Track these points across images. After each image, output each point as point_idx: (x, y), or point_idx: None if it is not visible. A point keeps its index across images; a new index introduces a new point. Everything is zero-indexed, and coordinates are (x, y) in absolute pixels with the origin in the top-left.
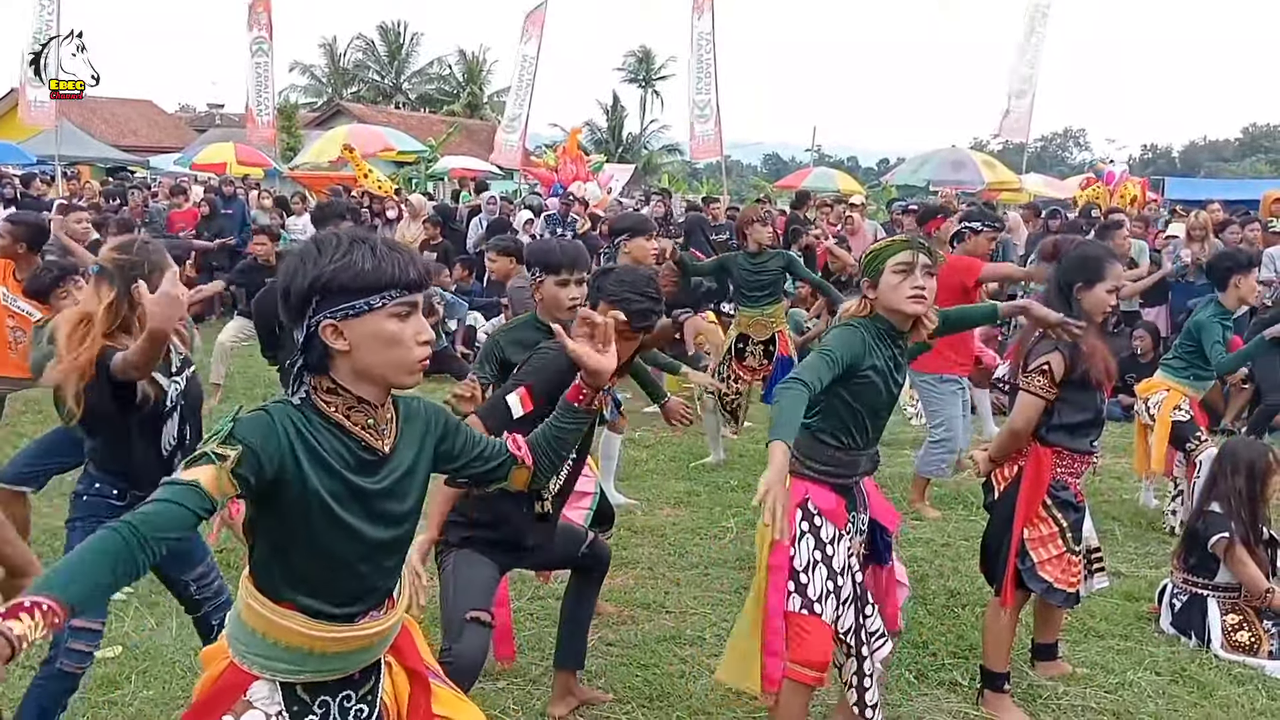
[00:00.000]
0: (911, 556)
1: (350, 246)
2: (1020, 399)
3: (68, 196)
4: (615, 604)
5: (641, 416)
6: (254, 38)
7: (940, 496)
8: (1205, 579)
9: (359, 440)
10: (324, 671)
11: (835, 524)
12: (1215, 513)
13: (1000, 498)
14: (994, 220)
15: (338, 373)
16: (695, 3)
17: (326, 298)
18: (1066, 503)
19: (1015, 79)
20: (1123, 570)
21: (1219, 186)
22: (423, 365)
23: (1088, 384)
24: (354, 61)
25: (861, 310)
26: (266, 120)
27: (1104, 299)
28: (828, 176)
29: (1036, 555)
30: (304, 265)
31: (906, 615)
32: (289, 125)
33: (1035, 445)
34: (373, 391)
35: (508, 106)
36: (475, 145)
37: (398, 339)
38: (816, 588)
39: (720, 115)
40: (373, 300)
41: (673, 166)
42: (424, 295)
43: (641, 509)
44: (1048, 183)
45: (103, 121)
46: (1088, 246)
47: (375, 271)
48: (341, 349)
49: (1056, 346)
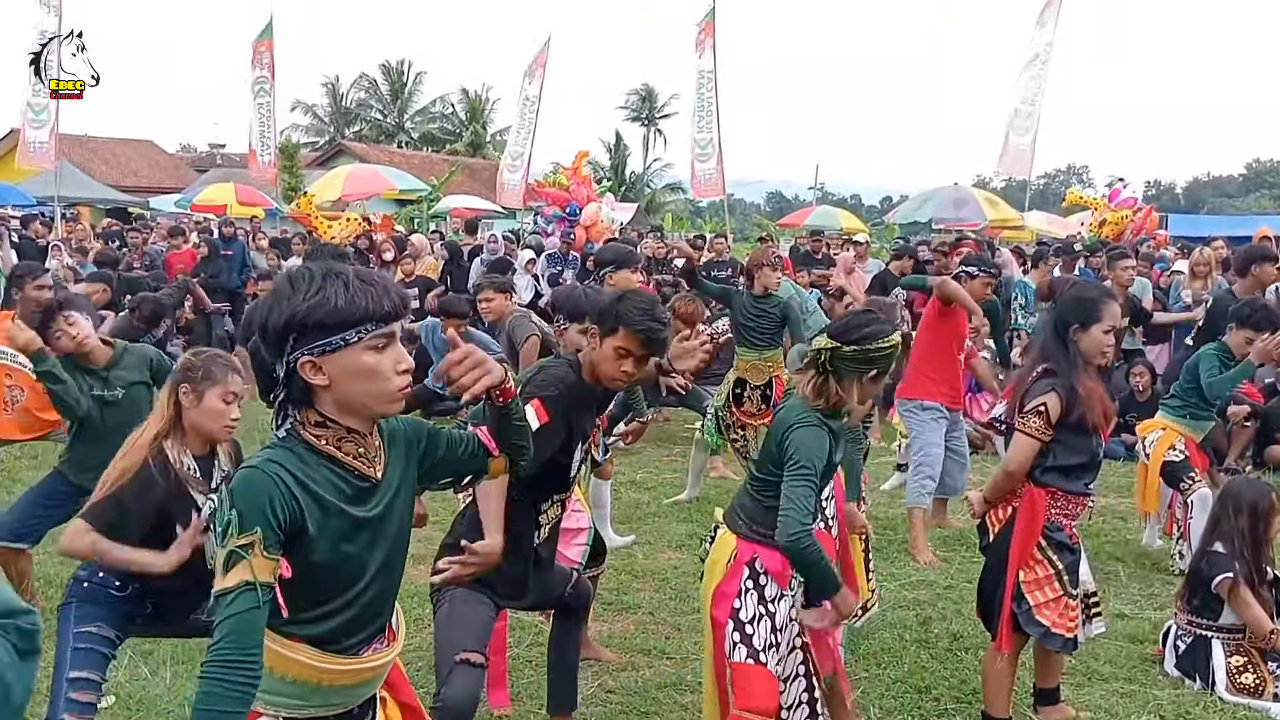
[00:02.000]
0: (914, 599)
1: (323, 283)
2: (1015, 440)
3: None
4: (615, 650)
5: (644, 458)
6: (256, 78)
7: (943, 538)
8: (1209, 620)
9: (352, 470)
10: (328, 706)
11: (780, 584)
12: (1218, 553)
13: (995, 540)
14: (991, 267)
15: (322, 405)
16: (696, 41)
17: (303, 335)
18: (1062, 544)
19: (1016, 116)
20: (1127, 612)
21: (1223, 223)
22: (404, 393)
23: (1084, 427)
24: (356, 100)
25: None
26: (268, 160)
27: (1101, 340)
28: (830, 215)
29: (1033, 598)
30: (279, 303)
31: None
32: (291, 165)
33: (1029, 486)
34: (359, 421)
35: (509, 145)
36: (478, 184)
37: (376, 371)
38: (761, 639)
39: (722, 154)
40: (349, 335)
41: (676, 205)
42: (399, 324)
43: (642, 552)
44: (1050, 220)
45: (103, 162)
46: (1083, 287)
47: (349, 306)
48: (322, 384)
49: (1053, 387)
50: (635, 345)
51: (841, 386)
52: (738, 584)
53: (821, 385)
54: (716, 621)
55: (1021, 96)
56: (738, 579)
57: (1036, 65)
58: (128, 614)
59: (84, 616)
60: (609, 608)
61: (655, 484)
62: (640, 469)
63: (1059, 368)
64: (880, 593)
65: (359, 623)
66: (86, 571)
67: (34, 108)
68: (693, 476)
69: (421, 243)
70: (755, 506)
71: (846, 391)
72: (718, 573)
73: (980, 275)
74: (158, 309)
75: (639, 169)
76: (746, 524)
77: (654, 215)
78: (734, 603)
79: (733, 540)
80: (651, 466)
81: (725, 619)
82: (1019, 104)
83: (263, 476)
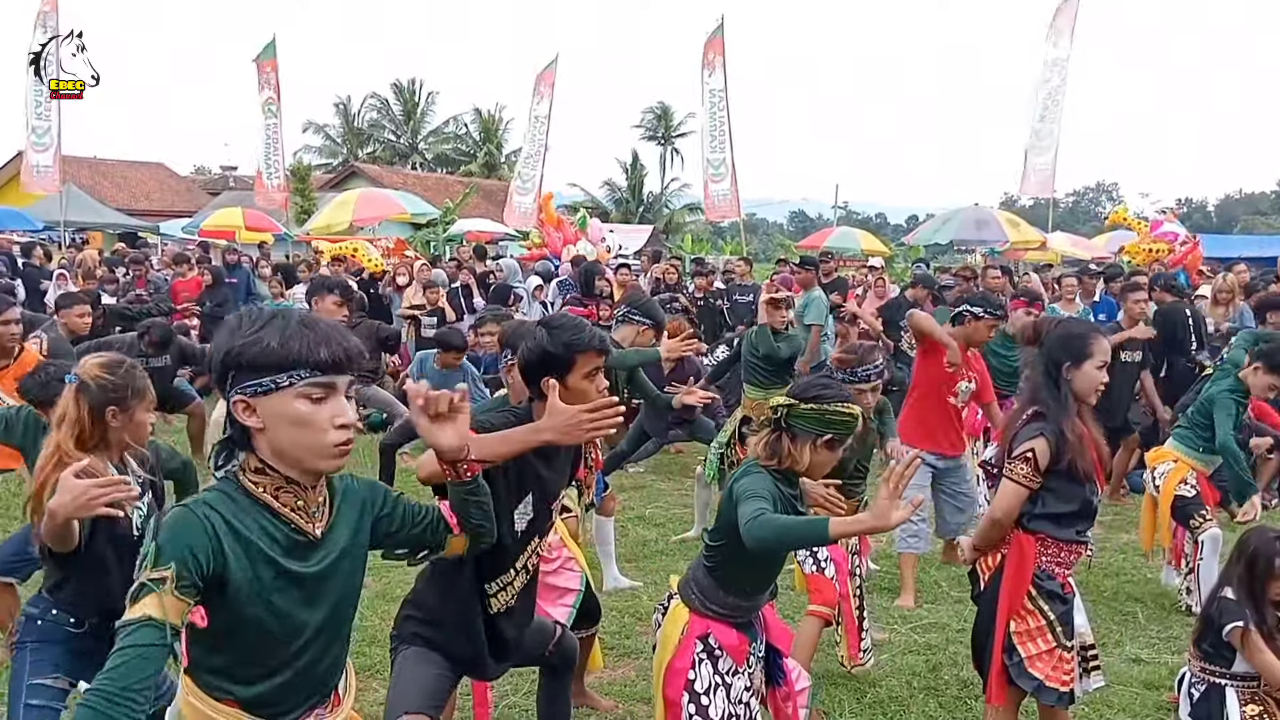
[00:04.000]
0: (925, 643)
1: (264, 323)
2: (1002, 486)
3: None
4: (614, 698)
5: (653, 491)
6: (264, 99)
7: (959, 578)
8: (1222, 667)
9: (289, 523)
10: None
11: (735, 660)
12: (1229, 599)
13: (985, 588)
14: (996, 308)
15: (261, 451)
16: (706, 60)
17: (239, 373)
18: (1053, 594)
19: (1034, 135)
20: (1143, 656)
21: (1254, 243)
22: (341, 450)
23: (1074, 474)
24: (369, 121)
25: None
26: (276, 183)
27: (1095, 377)
28: (850, 236)
29: (1025, 650)
30: (224, 338)
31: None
32: (303, 187)
33: (1018, 533)
34: (297, 473)
35: (519, 166)
36: (492, 206)
37: (307, 421)
38: (718, 709)
39: (736, 174)
40: (279, 379)
41: (695, 226)
42: (344, 379)
43: (647, 593)
44: (1074, 242)
45: (113, 185)
46: (1070, 325)
47: (282, 350)
48: (256, 426)
49: (1042, 432)
50: (595, 358)
51: (795, 445)
52: (690, 658)
53: (774, 442)
54: (669, 700)
55: (1038, 115)
56: (689, 654)
57: (1053, 83)
58: (85, 651)
59: (40, 664)
60: (610, 652)
61: (664, 520)
62: (650, 503)
63: (1049, 411)
64: (888, 636)
65: (294, 688)
66: (39, 609)
67: (36, 130)
68: (699, 513)
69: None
70: (708, 581)
71: (798, 453)
72: (670, 648)
73: (985, 317)
74: (166, 334)
75: (656, 189)
76: (700, 600)
77: (673, 236)
78: (688, 675)
79: (685, 613)
80: (662, 501)
81: (678, 696)
82: (1036, 123)
83: (191, 517)
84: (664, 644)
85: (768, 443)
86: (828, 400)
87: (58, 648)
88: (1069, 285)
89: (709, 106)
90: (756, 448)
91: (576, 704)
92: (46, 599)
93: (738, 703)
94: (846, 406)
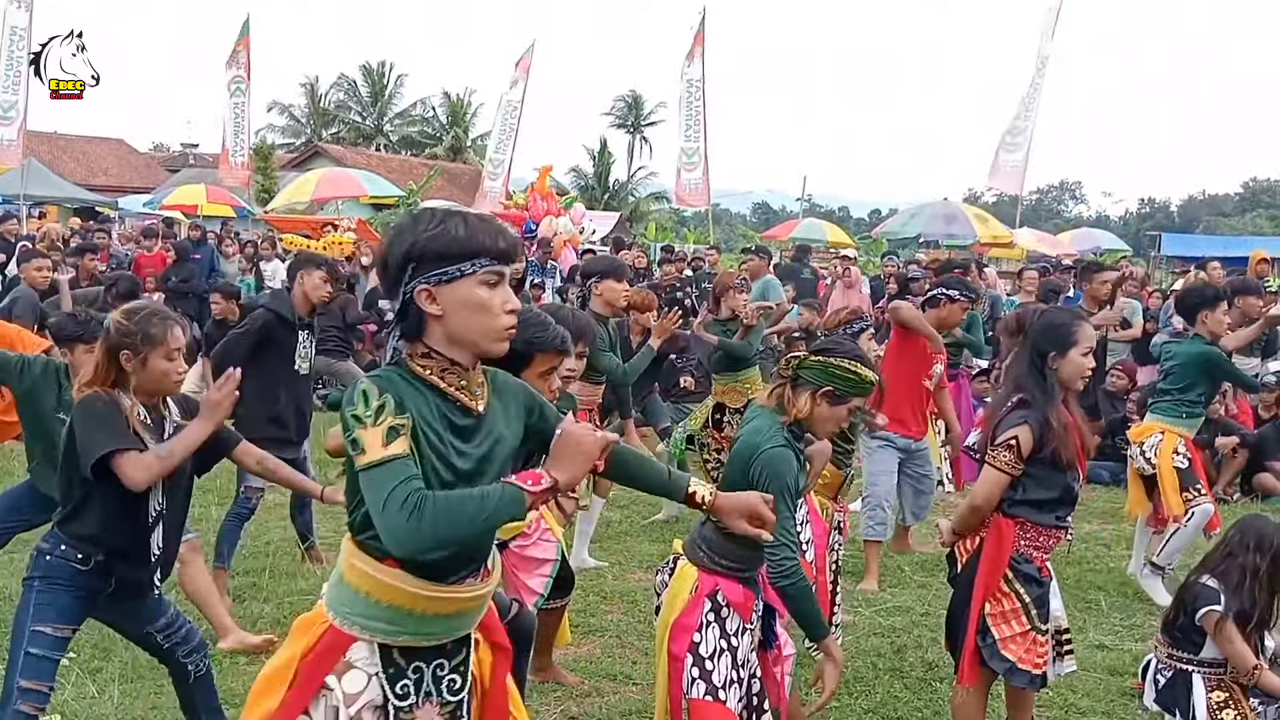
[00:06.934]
0: (889, 626)
1: (445, 218)
2: (984, 473)
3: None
4: (580, 674)
5: None
6: (232, 77)
7: (921, 563)
8: (1190, 653)
9: (454, 401)
10: (420, 635)
11: (742, 617)
12: (1207, 586)
13: (963, 570)
14: (970, 291)
15: (431, 338)
16: (688, 50)
17: (422, 264)
18: (1030, 577)
19: (1011, 131)
20: (1107, 643)
21: (1218, 243)
22: (509, 333)
23: (1057, 462)
24: (335, 102)
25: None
26: (241, 161)
27: (1081, 364)
28: (817, 228)
29: (999, 631)
30: (401, 235)
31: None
32: (265, 166)
33: (997, 516)
34: (464, 356)
35: (489, 151)
36: (457, 190)
37: (486, 305)
38: (721, 675)
39: (709, 163)
40: (464, 266)
41: (660, 215)
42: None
43: (612, 572)
44: (1040, 238)
45: (72, 160)
46: (1052, 314)
47: (467, 239)
48: (435, 313)
49: (1026, 419)
50: (553, 357)
51: (794, 394)
52: (698, 617)
53: (781, 392)
54: (674, 655)
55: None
56: (698, 612)
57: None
58: (91, 592)
59: (43, 609)
60: (575, 630)
61: (628, 502)
62: (615, 485)
63: (1033, 399)
64: (853, 619)
65: (457, 558)
66: (49, 544)
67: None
68: None
69: None
70: (717, 538)
71: (799, 401)
72: (677, 605)
73: (960, 299)
74: (133, 286)
75: (623, 177)
76: (708, 556)
77: (637, 225)
78: (693, 636)
79: (694, 572)
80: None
81: (684, 653)
82: (1015, 120)
83: (384, 384)
84: (670, 602)
85: (776, 392)
86: (833, 354)
87: (64, 592)
88: (1029, 279)
89: (686, 96)
90: (764, 395)
91: (543, 679)
92: (57, 534)
93: (743, 665)
94: (853, 364)
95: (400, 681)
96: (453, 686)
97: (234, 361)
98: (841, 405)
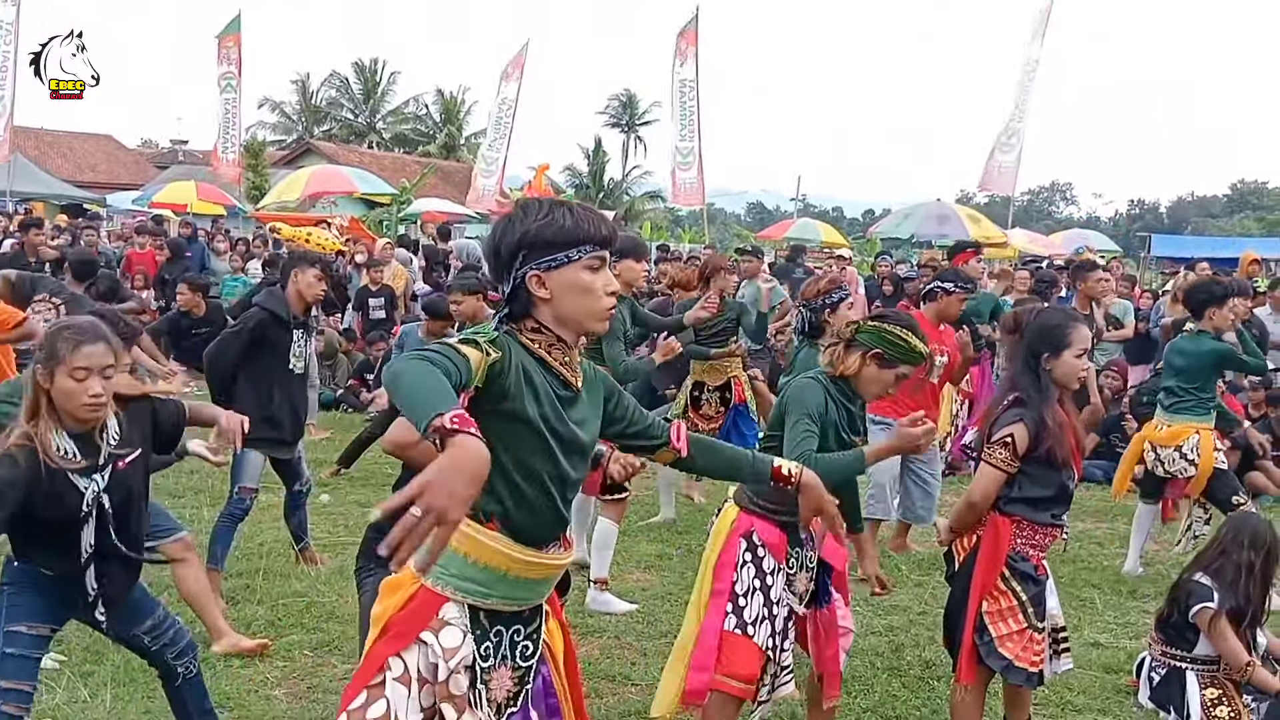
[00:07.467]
0: (887, 625)
1: (552, 208)
2: (980, 470)
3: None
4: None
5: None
6: (222, 73)
7: (918, 562)
8: (1184, 651)
9: (558, 375)
10: (509, 599)
11: (776, 557)
12: (1200, 583)
13: (960, 568)
14: (967, 282)
15: (540, 318)
16: (678, 50)
17: (532, 251)
18: (1026, 575)
19: (1004, 133)
20: (1101, 641)
21: (1206, 244)
22: (610, 313)
23: (1053, 460)
24: (327, 99)
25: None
26: (232, 158)
27: (1075, 365)
28: (811, 227)
29: (996, 630)
30: (512, 225)
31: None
32: (256, 164)
33: (993, 514)
34: (569, 335)
35: (483, 149)
36: (450, 188)
37: (589, 288)
38: (753, 612)
39: (703, 163)
40: (571, 253)
41: (654, 214)
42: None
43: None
44: (1032, 239)
45: (60, 156)
46: (1047, 314)
47: (574, 228)
48: (544, 296)
49: (1021, 418)
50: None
51: (846, 353)
52: (735, 554)
53: (834, 350)
54: (716, 591)
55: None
56: (735, 550)
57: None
58: (61, 595)
59: (16, 610)
60: (574, 630)
61: None
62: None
63: (1028, 398)
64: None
65: (545, 521)
66: (14, 553)
67: None
68: (664, 494)
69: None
70: None
71: (848, 359)
72: (718, 545)
73: (956, 292)
74: (114, 284)
75: (618, 176)
76: (749, 497)
77: (632, 224)
78: (732, 575)
79: (734, 511)
80: None
81: (726, 587)
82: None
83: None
84: (713, 541)
85: (830, 350)
86: (888, 321)
87: (36, 596)
88: (1021, 278)
89: (679, 96)
90: (822, 355)
91: None
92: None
93: (777, 603)
94: (905, 333)
95: (484, 643)
96: (525, 653)
97: (228, 360)
98: (889, 370)
